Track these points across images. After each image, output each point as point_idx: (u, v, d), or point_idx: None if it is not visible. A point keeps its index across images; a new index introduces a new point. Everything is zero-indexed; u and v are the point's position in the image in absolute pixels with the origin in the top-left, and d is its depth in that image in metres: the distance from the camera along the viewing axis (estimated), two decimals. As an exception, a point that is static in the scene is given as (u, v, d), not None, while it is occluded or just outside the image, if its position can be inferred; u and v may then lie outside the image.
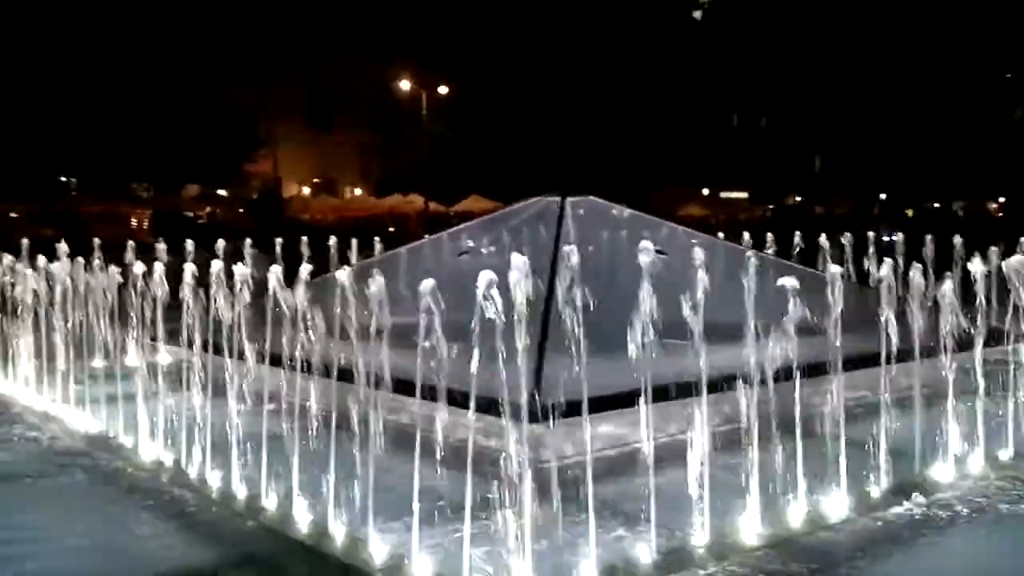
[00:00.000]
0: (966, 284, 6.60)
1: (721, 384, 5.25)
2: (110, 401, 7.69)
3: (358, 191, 58.93)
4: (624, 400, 5.24)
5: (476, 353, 4.41)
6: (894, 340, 5.72)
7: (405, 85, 49.14)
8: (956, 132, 52.89)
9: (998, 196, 56.57)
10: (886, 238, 13.90)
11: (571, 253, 4.65)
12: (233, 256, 9.52)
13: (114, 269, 7.97)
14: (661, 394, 5.10)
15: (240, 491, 5.75)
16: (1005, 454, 6.32)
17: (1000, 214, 52.98)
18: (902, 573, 4.69)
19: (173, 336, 7.04)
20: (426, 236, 13.00)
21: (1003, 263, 6.34)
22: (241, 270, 6.06)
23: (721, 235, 12.86)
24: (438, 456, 4.59)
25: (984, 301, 6.38)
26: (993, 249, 9.11)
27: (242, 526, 5.38)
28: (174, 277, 6.88)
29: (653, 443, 4.82)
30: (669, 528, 4.87)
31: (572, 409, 4.87)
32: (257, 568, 4.83)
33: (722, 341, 5.14)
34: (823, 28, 54.80)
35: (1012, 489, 5.80)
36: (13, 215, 38.11)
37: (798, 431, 5.24)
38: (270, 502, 5.53)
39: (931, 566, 4.83)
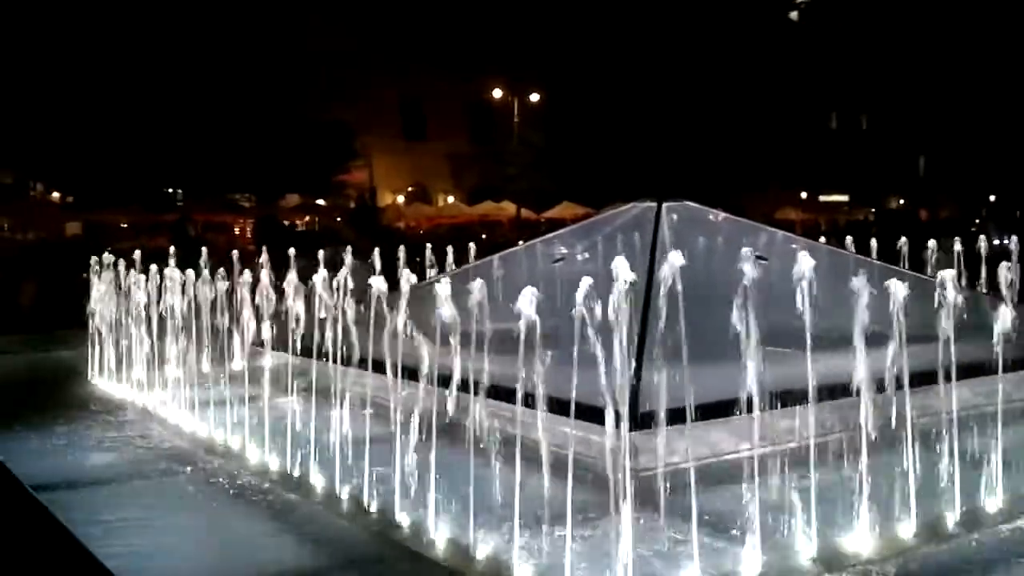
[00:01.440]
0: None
1: (828, 393, 5.11)
2: (219, 405, 7.94)
3: (451, 199, 59.53)
4: (724, 408, 5.15)
5: (575, 361, 4.41)
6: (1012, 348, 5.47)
7: (497, 93, 49.46)
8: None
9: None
10: (997, 241, 13.33)
11: (673, 259, 4.59)
12: (332, 264, 9.76)
13: (222, 276, 8.24)
14: (765, 402, 4.98)
15: (344, 494, 5.86)
16: None
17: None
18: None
19: (281, 342, 7.22)
20: (520, 243, 13.06)
21: None
22: (344, 278, 6.20)
23: (823, 240, 12.55)
24: (544, 464, 4.57)
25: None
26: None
27: (346, 529, 5.47)
28: (278, 284, 7.08)
29: (757, 452, 4.72)
30: (773, 541, 4.76)
31: (673, 417, 4.81)
32: (360, 571, 4.91)
33: (829, 348, 5.00)
34: (923, 26, 52.95)
35: None
36: (123, 225, 39.78)
37: (911, 440, 5.06)
38: (374, 506, 5.62)
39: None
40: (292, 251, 12.49)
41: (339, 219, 45.44)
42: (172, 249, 10.68)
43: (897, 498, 5.06)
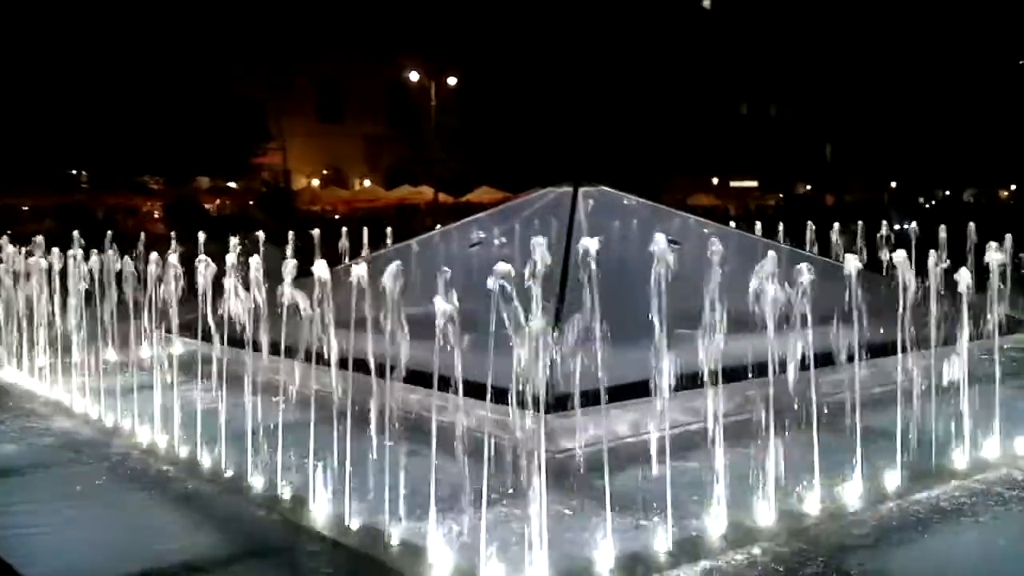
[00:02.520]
0: (981, 273, 6.57)
1: (735, 374, 5.24)
2: (126, 393, 7.73)
3: (367, 183, 58.88)
4: (637, 391, 5.23)
5: (490, 343, 4.42)
6: (913, 329, 5.69)
7: (414, 76, 49.07)
8: (968, 119, 52.54)
9: (1010, 184, 56.30)
10: (898, 226, 13.84)
11: (589, 243, 4.63)
12: (244, 249, 9.57)
13: (128, 261, 8.01)
14: (675, 385, 5.08)
15: (255, 481, 5.78)
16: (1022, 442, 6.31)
17: (1012, 202, 52.71)
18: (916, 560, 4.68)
19: (188, 328, 7.06)
20: (437, 227, 13.01)
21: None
22: (256, 262, 6.08)
23: (733, 224, 12.83)
24: (456, 447, 4.58)
25: (1000, 290, 6.36)
26: (1007, 237, 9.05)
27: (257, 516, 5.40)
28: (189, 269, 6.91)
29: (668, 433, 4.81)
30: (685, 518, 4.87)
31: (587, 399, 4.87)
32: (271, 557, 4.85)
33: (737, 331, 5.12)
34: (833, 15, 54.43)
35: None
36: (24, 208, 38.25)
37: (815, 420, 5.22)
38: (284, 492, 5.56)
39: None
40: (202, 235, 12.20)
41: (251, 203, 44.53)
42: (76, 233, 10.29)
43: (801, 476, 5.22)
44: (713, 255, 4.97)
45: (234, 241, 10.30)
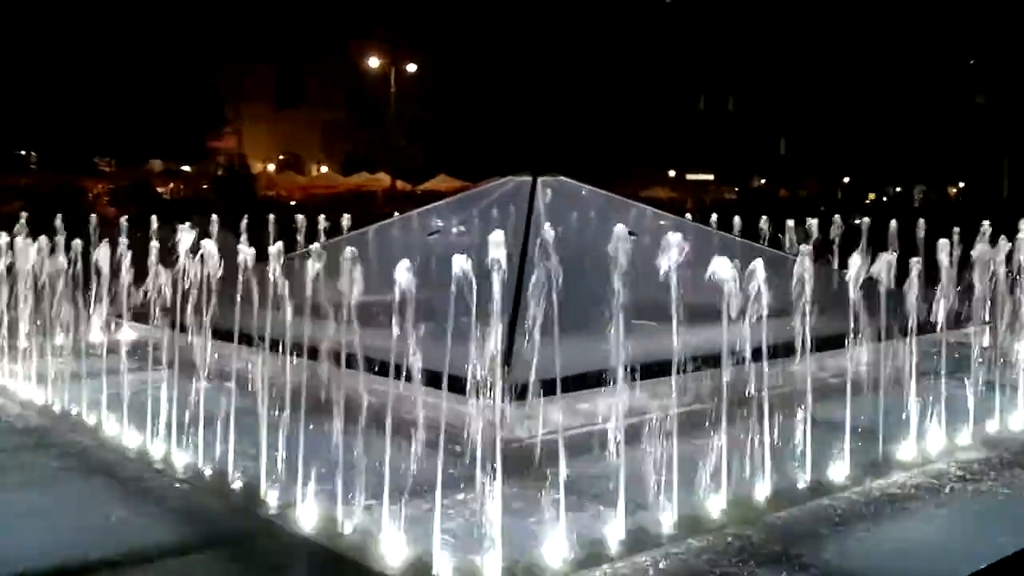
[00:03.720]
0: (930, 267, 6.71)
1: (690, 365, 5.29)
2: (74, 379, 7.59)
3: (324, 169, 58.36)
4: (594, 380, 5.26)
5: (448, 332, 4.42)
6: (864, 321, 5.80)
7: (373, 62, 48.67)
8: (919, 117, 53.55)
9: (958, 181, 57.51)
10: (856, 222, 14.00)
11: (546, 233, 4.64)
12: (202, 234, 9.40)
13: (78, 244, 7.85)
14: (631, 374, 5.11)
15: (207, 469, 5.71)
16: (965, 434, 6.46)
17: (960, 198, 53.86)
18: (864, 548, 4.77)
19: (140, 314, 6.95)
20: (395, 214, 12.93)
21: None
22: (209, 247, 6.00)
23: (689, 216, 12.94)
24: (411, 435, 4.58)
25: (949, 285, 6.51)
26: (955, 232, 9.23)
27: (210, 506, 5.34)
28: (140, 253, 6.79)
29: (624, 423, 4.85)
30: (638, 507, 4.91)
31: (544, 388, 4.88)
32: (225, 547, 4.81)
33: (694, 322, 5.17)
34: (790, 12, 55.05)
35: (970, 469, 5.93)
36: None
37: (766, 411, 5.30)
38: (237, 481, 5.51)
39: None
40: (155, 218, 11.98)
41: (205, 187, 43.90)
42: (24, 215, 10.05)
43: (755, 466, 5.30)
44: (669, 247, 4.99)
45: (186, 225, 10.12)
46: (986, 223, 8.12)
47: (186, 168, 51.37)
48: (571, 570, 4.37)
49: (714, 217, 13.08)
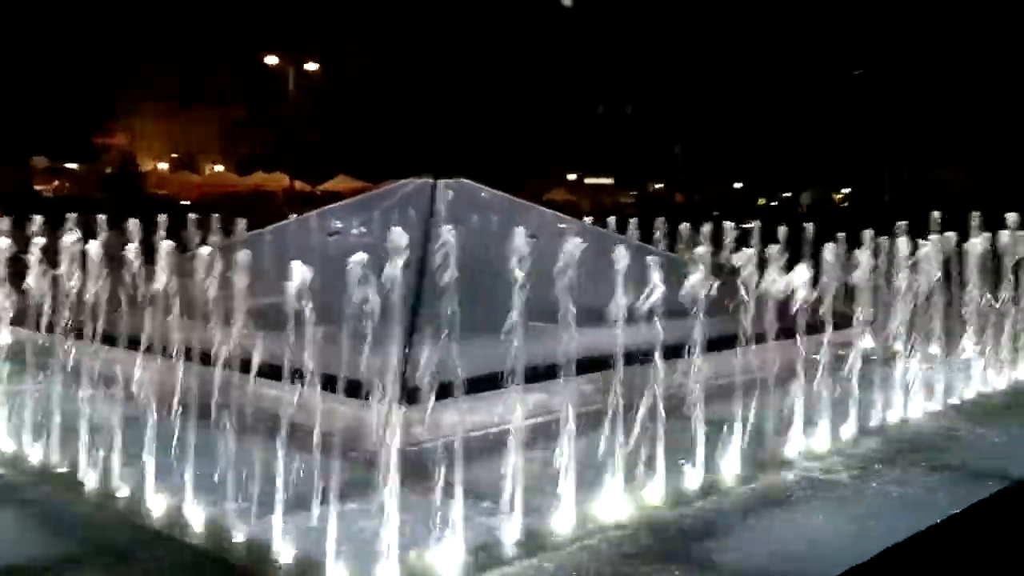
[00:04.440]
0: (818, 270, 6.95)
1: (588, 366, 5.36)
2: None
3: (219, 168, 56.90)
4: (491, 382, 5.28)
5: (345, 336, 4.36)
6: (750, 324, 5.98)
7: (272, 60, 47.74)
8: (807, 125, 55.72)
9: (842, 187, 60.07)
10: (745, 226, 14.44)
11: (446, 234, 4.63)
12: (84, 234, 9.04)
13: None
14: (529, 376, 5.15)
15: (90, 480, 5.49)
16: (848, 431, 6.73)
17: (845, 204, 56.24)
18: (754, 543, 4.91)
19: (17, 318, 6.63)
20: (293, 216, 12.72)
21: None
22: (94, 247, 5.78)
23: (588, 220, 13.12)
24: (305, 441, 4.50)
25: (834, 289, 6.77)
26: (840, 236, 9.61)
27: (93, 515, 5.13)
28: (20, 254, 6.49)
29: (521, 425, 4.87)
30: (534, 509, 4.94)
31: (441, 391, 4.87)
32: (110, 556, 4.62)
33: (591, 324, 5.23)
34: (688, 19, 56.46)
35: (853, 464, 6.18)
36: None
37: (659, 411, 5.40)
38: (123, 490, 5.31)
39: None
40: (39, 218, 11.44)
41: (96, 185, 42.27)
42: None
43: (648, 466, 5.39)
44: (568, 248, 5.05)
45: (68, 225, 9.72)
46: (868, 231, 8.49)
47: (73, 165, 49.35)
48: (465, 574, 4.37)
49: (612, 220, 13.30)
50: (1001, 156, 48.12)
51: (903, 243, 7.80)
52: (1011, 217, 8.96)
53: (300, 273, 4.46)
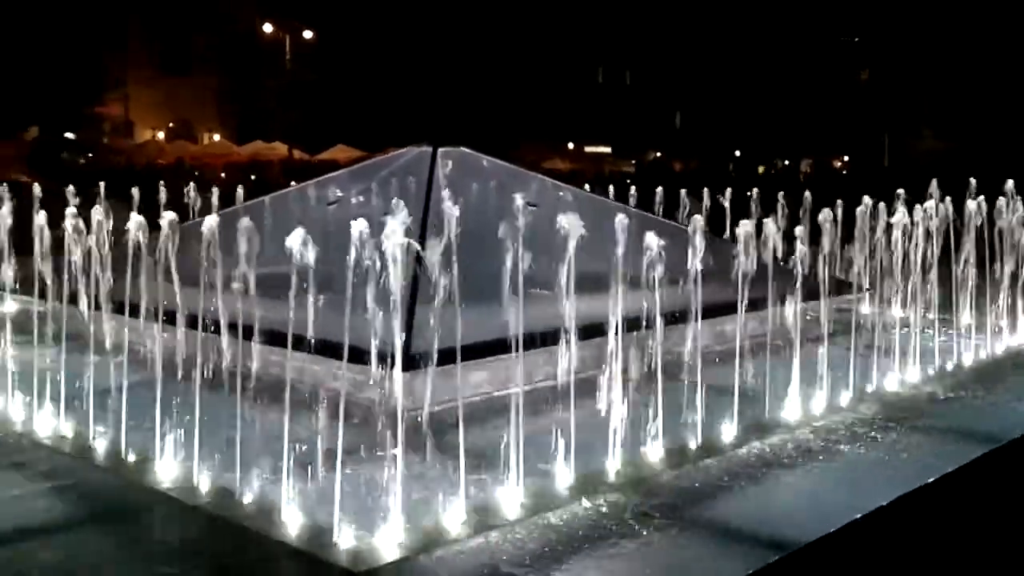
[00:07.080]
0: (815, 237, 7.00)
1: (588, 332, 5.41)
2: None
3: (217, 137, 56.60)
4: (493, 348, 5.33)
5: (347, 302, 4.40)
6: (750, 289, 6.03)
7: (268, 28, 47.35)
8: (806, 93, 55.48)
9: (843, 154, 59.91)
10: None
11: (447, 202, 4.66)
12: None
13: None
14: (529, 343, 5.19)
15: (99, 445, 5.56)
16: (847, 396, 6.80)
17: (844, 171, 56.12)
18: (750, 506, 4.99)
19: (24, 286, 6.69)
20: (292, 184, 12.71)
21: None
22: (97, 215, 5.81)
23: (587, 187, 13.12)
24: (311, 407, 4.56)
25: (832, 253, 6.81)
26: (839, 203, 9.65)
27: (102, 479, 5.20)
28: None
29: (523, 390, 4.93)
30: (538, 471, 5.01)
31: (443, 357, 4.92)
32: (118, 520, 4.70)
33: (591, 291, 5.28)
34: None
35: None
36: None
37: (659, 376, 5.46)
38: (131, 455, 5.38)
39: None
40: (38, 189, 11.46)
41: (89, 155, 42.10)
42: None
43: (647, 429, 5.46)
44: (567, 217, 5.08)
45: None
46: (866, 197, 8.52)
47: (69, 136, 49.12)
48: (469, 534, 4.44)
49: (611, 189, 13.32)
50: (981, 126, 48.29)
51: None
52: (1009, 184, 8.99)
53: (299, 241, 4.47)
